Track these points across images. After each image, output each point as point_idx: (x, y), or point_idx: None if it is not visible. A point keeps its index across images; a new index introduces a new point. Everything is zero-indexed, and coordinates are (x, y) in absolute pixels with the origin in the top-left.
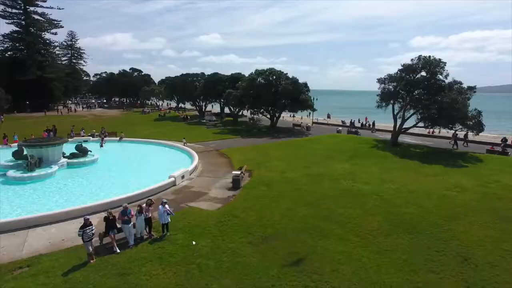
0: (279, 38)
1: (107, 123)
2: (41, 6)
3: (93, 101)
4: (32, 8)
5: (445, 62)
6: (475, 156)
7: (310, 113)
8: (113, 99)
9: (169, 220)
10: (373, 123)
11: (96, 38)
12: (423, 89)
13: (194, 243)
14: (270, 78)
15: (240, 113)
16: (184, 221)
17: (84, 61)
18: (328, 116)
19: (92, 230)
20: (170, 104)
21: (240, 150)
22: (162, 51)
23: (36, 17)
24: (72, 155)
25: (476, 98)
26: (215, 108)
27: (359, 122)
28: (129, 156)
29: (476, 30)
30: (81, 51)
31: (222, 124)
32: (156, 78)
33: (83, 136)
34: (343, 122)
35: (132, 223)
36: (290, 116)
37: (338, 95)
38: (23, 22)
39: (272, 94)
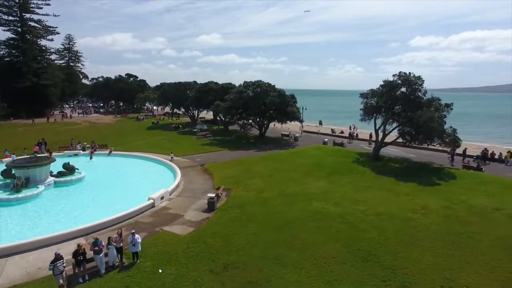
0: (279, 38)
1: (100, 132)
2: (37, 13)
3: (90, 105)
4: (28, 15)
5: (423, 80)
6: (450, 173)
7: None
8: (109, 104)
9: (139, 248)
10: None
11: (96, 38)
12: (402, 105)
13: (160, 271)
14: (258, 90)
15: (233, 119)
16: (155, 247)
17: (82, 64)
18: (320, 123)
19: (63, 263)
20: (164, 109)
21: (224, 166)
22: (162, 51)
23: (32, 24)
24: (60, 174)
25: (477, 98)
26: (210, 114)
27: (350, 129)
28: (115, 173)
29: (477, 29)
30: (78, 54)
31: (212, 134)
32: (156, 78)
33: (79, 150)
34: (332, 130)
35: (103, 252)
36: (281, 124)
37: (337, 95)
38: (19, 29)
39: (260, 106)
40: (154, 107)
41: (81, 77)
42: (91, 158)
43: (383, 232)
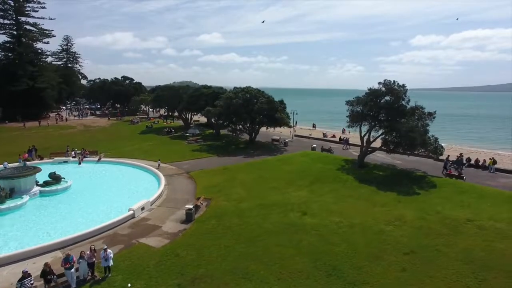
0: (279, 37)
1: (94, 136)
2: (33, 17)
3: (87, 106)
4: (23, 19)
5: (407, 89)
6: (431, 182)
7: (295, 123)
8: (106, 106)
9: (111, 263)
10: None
11: (96, 37)
12: (386, 114)
13: (129, 285)
14: (248, 96)
15: (223, 125)
16: (128, 260)
17: (80, 65)
18: (314, 126)
19: (30, 281)
20: (159, 111)
21: (210, 173)
22: (162, 50)
23: (28, 27)
24: (45, 183)
25: (477, 97)
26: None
27: (343, 132)
28: (101, 181)
29: (478, 28)
30: (76, 55)
31: (203, 139)
32: (157, 77)
33: (74, 157)
34: (324, 135)
35: (74, 267)
36: (273, 128)
37: (337, 95)
38: (14, 32)
39: (249, 113)
40: (151, 109)
41: (80, 77)
42: (79, 163)
43: (353, 245)
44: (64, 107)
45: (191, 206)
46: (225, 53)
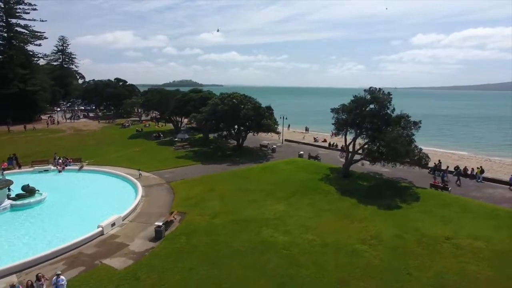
0: (279, 36)
1: (82, 141)
2: (24, 19)
3: (82, 108)
4: (14, 21)
5: (391, 97)
6: (415, 193)
7: (288, 126)
8: (100, 108)
9: None
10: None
11: (97, 36)
12: (370, 123)
13: None
14: (234, 102)
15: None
16: (85, 285)
17: (75, 65)
18: (306, 129)
19: None
20: (148, 115)
21: (190, 184)
22: (163, 49)
23: (19, 29)
24: (18, 196)
25: (477, 97)
26: None
27: (331, 137)
28: (79, 193)
29: (479, 27)
30: (72, 55)
31: (190, 145)
32: (157, 77)
33: (57, 166)
34: (315, 139)
35: None
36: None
37: (338, 95)
38: (5, 34)
39: (234, 119)
40: (143, 112)
41: (78, 77)
42: (59, 171)
43: (322, 268)
44: (58, 109)
45: (161, 223)
46: (225, 52)
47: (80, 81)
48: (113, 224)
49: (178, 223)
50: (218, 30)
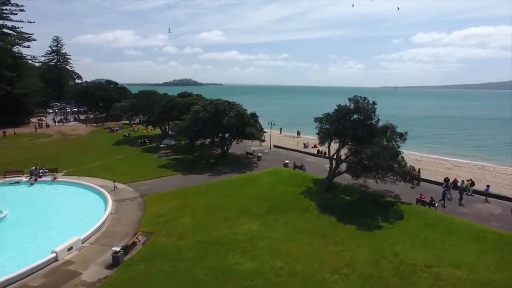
0: (280, 35)
1: (66, 147)
2: (11, 20)
3: (75, 109)
4: (0, 22)
5: (376, 107)
6: (399, 210)
7: (280, 130)
8: (92, 110)
9: None
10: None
11: (97, 35)
12: (352, 134)
13: None
14: (218, 108)
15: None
16: None
17: (70, 66)
18: (298, 134)
19: None
20: (136, 119)
21: (165, 197)
22: (163, 48)
23: (6, 31)
24: None
25: (478, 96)
26: None
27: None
28: (46, 209)
29: (480, 26)
30: (67, 56)
31: (174, 152)
32: (157, 76)
33: (41, 176)
34: (305, 145)
35: None
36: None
37: (337, 95)
38: None
39: (217, 127)
40: (132, 116)
41: (75, 77)
42: (31, 184)
43: None
44: (50, 111)
45: (118, 249)
46: (226, 51)
47: (78, 81)
48: (70, 248)
49: (141, 246)
50: (169, 31)
